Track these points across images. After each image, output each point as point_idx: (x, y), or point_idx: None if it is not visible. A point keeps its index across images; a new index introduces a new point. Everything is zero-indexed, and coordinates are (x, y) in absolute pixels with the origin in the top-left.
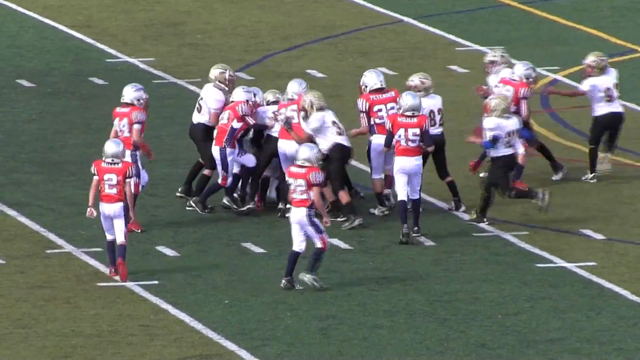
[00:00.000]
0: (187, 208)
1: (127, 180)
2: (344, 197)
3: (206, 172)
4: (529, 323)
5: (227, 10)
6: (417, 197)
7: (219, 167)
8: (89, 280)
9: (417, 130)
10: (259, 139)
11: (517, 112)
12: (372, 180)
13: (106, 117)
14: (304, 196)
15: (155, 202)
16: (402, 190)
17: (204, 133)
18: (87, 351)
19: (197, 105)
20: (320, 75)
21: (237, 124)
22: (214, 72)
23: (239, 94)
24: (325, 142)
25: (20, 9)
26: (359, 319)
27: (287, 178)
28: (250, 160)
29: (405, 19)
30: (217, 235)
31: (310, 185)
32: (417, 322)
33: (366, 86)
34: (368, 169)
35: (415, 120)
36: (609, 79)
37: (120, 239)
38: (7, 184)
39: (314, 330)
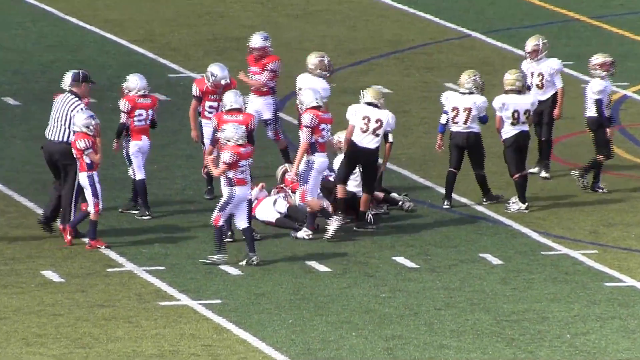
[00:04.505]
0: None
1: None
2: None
3: None
4: (598, 343)
5: (291, 24)
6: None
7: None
8: (150, 299)
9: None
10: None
11: None
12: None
13: (170, 133)
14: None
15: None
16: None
17: None
18: None
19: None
20: (386, 90)
21: None
22: (313, 60)
23: (215, 68)
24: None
25: (81, 23)
26: (426, 338)
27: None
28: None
29: (473, 33)
30: (281, 254)
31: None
32: (485, 342)
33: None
34: (424, 182)
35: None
36: None
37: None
38: None
39: (379, 350)
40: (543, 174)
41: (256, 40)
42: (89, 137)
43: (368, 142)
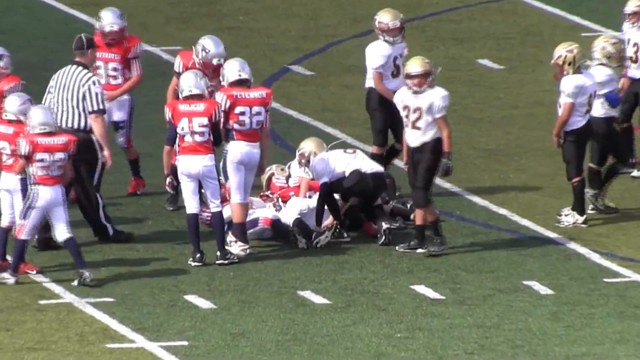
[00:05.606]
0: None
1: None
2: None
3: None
4: None
5: None
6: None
7: None
8: (95, 341)
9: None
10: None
11: None
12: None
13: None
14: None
15: (184, 236)
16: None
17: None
18: None
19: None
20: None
21: None
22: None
23: (208, 43)
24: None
25: None
26: None
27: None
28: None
29: None
30: (266, 281)
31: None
32: None
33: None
34: (451, 188)
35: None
36: None
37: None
38: None
39: None
40: (636, 172)
41: (112, 20)
42: None
43: None
